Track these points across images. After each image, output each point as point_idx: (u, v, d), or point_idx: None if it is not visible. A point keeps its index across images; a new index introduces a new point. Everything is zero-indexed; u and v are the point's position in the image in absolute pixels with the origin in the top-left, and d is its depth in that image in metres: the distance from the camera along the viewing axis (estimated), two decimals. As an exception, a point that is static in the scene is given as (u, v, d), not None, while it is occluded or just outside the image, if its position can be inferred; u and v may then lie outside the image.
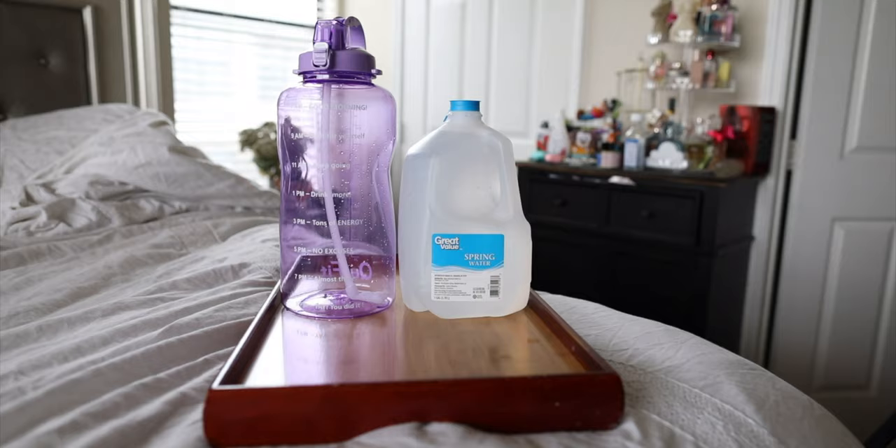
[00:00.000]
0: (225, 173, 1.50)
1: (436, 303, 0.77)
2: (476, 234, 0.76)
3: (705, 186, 1.84)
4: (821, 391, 2.21)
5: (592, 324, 0.85)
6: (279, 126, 0.78)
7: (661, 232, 1.95)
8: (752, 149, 1.97)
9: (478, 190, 0.78)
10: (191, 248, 1.23)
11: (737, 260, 2.09)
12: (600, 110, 2.35)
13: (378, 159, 0.81)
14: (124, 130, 1.50)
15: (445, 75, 3.11)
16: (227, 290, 0.94)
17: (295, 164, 0.79)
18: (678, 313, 1.94)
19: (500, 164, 0.79)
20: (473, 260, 0.76)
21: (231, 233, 1.32)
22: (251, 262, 1.06)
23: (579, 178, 2.13)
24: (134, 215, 1.32)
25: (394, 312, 0.82)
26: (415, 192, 0.78)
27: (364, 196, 0.81)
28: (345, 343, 0.71)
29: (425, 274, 0.76)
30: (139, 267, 1.09)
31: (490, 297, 0.77)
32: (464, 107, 0.81)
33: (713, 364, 0.71)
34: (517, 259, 0.78)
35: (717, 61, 2.02)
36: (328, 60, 0.74)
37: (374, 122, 0.80)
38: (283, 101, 0.78)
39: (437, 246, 0.75)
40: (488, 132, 0.80)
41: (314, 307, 0.79)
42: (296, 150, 0.78)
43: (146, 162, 1.40)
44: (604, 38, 2.49)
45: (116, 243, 1.22)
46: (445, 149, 0.78)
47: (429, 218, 0.76)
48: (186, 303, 0.87)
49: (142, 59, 2.23)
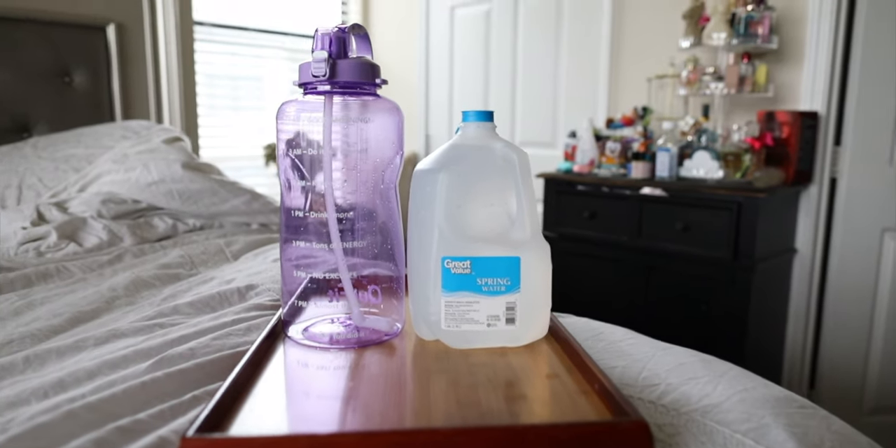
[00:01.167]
0: (240, 189, 1.46)
1: (446, 332, 0.70)
2: (490, 257, 0.69)
3: (743, 197, 1.74)
4: (871, 414, 2.07)
5: (620, 353, 0.78)
6: (277, 140, 0.73)
7: (695, 245, 1.85)
8: (793, 156, 1.87)
9: (491, 207, 0.72)
10: (201, 268, 1.18)
11: (778, 274, 1.98)
12: (630, 118, 2.26)
13: (384, 175, 0.75)
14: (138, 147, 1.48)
15: (471, 85, 3.06)
16: (231, 314, 0.89)
17: (295, 181, 0.74)
18: (715, 332, 1.84)
19: (516, 178, 0.72)
20: (487, 285, 0.69)
21: (244, 251, 1.28)
22: (259, 284, 1.01)
23: (609, 189, 2.04)
24: (146, 234, 1.29)
25: (403, 341, 0.75)
26: (423, 210, 0.72)
27: (370, 215, 0.75)
28: (346, 377, 0.65)
29: (435, 300, 0.70)
30: (145, 289, 1.05)
31: (506, 325, 0.70)
32: (476, 117, 0.75)
33: (757, 402, 0.63)
34: (535, 283, 0.71)
35: (754, 64, 1.92)
36: (328, 70, 0.69)
37: (380, 136, 0.75)
38: (282, 114, 0.73)
39: (447, 270, 0.69)
40: (502, 144, 0.74)
41: (317, 335, 0.74)
42: (295, 165, 0.73)
43: (159, 179, 1.37)
44: (632, 43, 2.41)
45: (127, 263, 1.18)
46: (456, 163, 0.72)
47: (437, 238, 0.70)
48: (185, 329, 0.82)
49: (164, 75, 2.23)
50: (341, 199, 0.73)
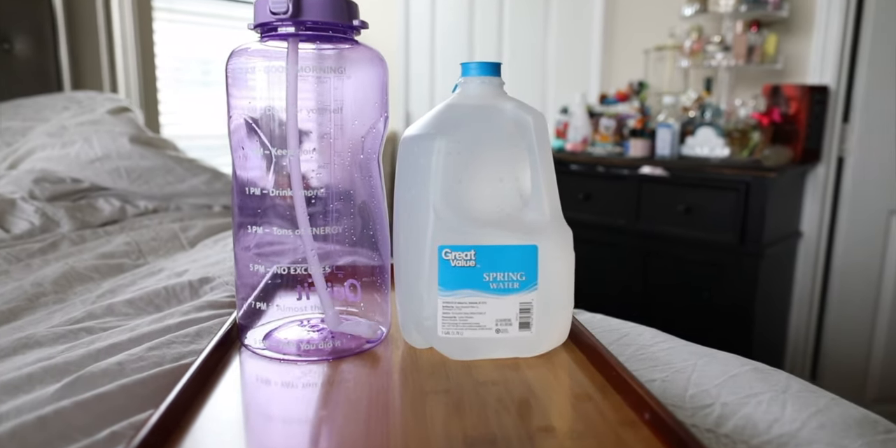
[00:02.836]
0: (199, 167, 1.29)
1: (444, 340, 0.56)
2: (499, 246, 0.54)
3: (751, 177, 1.61)
4: (875, 404, 1.98)
5: (655, 361, 0.64)
6: (228, 98, 0.57)
7: (699, 229, 1.73)
8: (801, 133, 1.74)
9: (500, 183, 0.57)
10: (150, 258, 1.02)
11: (783, 259, 1.87)
12: (625, 93, 2.12)
13: (364, 143, 0.60)
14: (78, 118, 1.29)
15: (453, 58, 2.89)
16: (178, 315, 0.74)
17: (249, 151, 0.58)
18: (718, 321, 1.72)
19: (531, 146, 0.58)
20: (496, 281, 0.55)
21: (202, 237, 1.11)
22: (216, 276, 0.86)
23: (605, 168, 1.91)
24: (88, 218, 1.11)
25: (388, 349, 0.61)
26: (414, 186, 0.57)
27: (346, 193, 0.60)
28: (318, 398, 0.51)
29: (429, 301, 0.55)
30: (79, 283, 0.89)
31: (519, 331, 0.56)
32: (480, 70, 0.60)
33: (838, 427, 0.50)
34: (556, 278, 0.57)
35: (763, 34, 1.79)
36: (290, 6, 0.53)
37: (359, 92, 0.59)
38: (233, 64, 0.56)
39: (446, 262, 0.54)
40: (514, 104, 0.59)
41: (282, 343, 0.59)
42: (250, 130, 0.57)
43: (104, 155, 1.20)
44: (628, 12, 2.26)
45: (62, 252, 1.01)
46: (455, 127, 0.57)
47: (433, 223, 0.55)
48: (117, 336, 0.66)
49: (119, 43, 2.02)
50: (310, 172, 0.58)
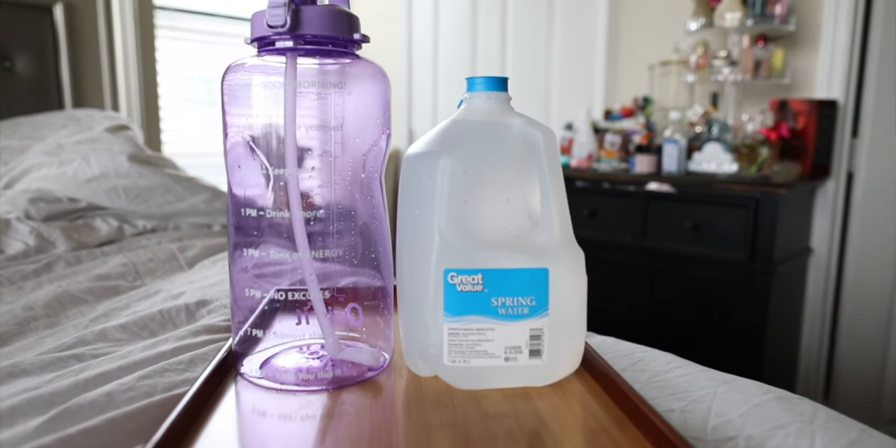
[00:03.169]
0: (199, 186, 1.27)
1: (450, 368, 0.53)
2: (508, 269, 0.52)
3: (761, 193, 1.58)
4: (889, 425, 1.93)
5: (672, 389, 0.60)
6: (224, 115, 0.55)
7: (707, 246, 1.69)
8: (810, 148, 1.72)
9: (508, 203, 0.54)
10: (147, 279, 0.99)
11: (794, 276, 1.83)
12: (630, 109, 2.10)
13: (366, 161, 0.58)
14: (76, 136, 1.27)
15: (457, 74, 2.89)
16: (172, 341, 0.71)
17: (246, 170, 0.55)
18: (729, 340, 1.68)
19: (542, 165, 0.55)
20: (505, 306, 0.52)
21: (201, 257, 1.08)
22: (213, 299, 0.83)
23: (610, 185, 1.88)
24: (85, 238, 1.09)
25: (391, 378, 0.58)
26: (418, 207, 0.54)
27: (347, 213, 0.57)
28: (318, 432, 0.48)
29: (434, 327, 0.52)
30: (72, 306, 0.86)
31: (530, 358, 0.53)
32: (486, 85, 0.57)
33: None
34: (568, 303, 0.54)
35: (770, 48, 1.77)
36: (288, 19, 0.51)
37: (360, 109, 0.57)
38: (229, 79, 0.54)
39: (452, 286, 0.52)
40: (522, 120, 0.57)
41: (279, 372, 0.56)
42: (247, 148, 0.55)
43: (101, 173, 1.18)
44: (632, 27, 2.25)
45: (57, 273, 0.99)
46: (461, 145, 0.54)
47: (438, 245, 0.52)
48: (108, 363, 0.63)
49: (121, 61, 2.01)
50: (309, 192, 0.56)
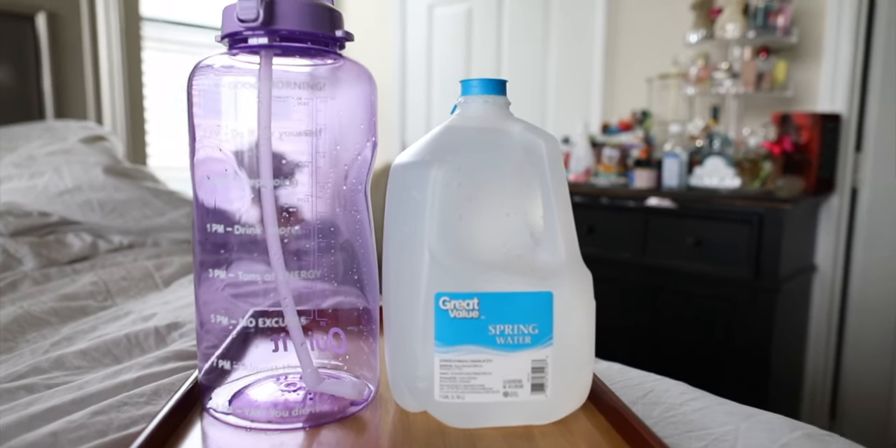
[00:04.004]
0: (179, 199, 1.20)
1: (443, 404, 0.47)
2: (507, 293, 0.46)
3: (765, 208, 1.53)
4: (899, 448, 1.87)
5: (689, 426, 0.54)
6: (190, 118, 0.49)
7: (709, 262, 1.64)
8: (814, 163, 1.67)
9: (507, 218, 0.49)
10: (118, 299, 0.93)
11: (798, 294, 1.77)
12: (628, 123, 2.06)
13: (349, 173, 0.52)
14: (48, 147, 1.21)
15: (451, 87, 2.85)
16: (136, 369, 0.64)
17: (215, 181, 0.50)
18: (732, 360, 1.62)
19: (544, 176, 0.49)
20: (504, 335, 0.46)
21: (178, 276, 1.02)
22: (187, 321, 0.77)
23: (609, 200, 1.83)
24: (56, 255, 1.02)
25: (376, 414, 0.52)
26: (406, 223, 0.48)
27: (328, 230, 0.52)
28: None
29: (424, 358, 0.46)
30: (33, 329, 0.80)
31: (532, 394, 0.47)
32: (483, 88, 0.52)
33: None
34: (575, 330, 0.48)
35: (772, 60, 1.73)
36: (261, 12, 0.46)
37: (343, 113, 0.51)
38: (196, 80, 0.48)
39: (444, 312, 0.46)
40: (522, 127, 0.51)
41: (251, 406, 0.50)
42: (215, 158, 0.49)
43: (74, 186, 1.11)
44: (629, 41, 2.21)
45: (21, 293, 0.92)
46: (455, 153, 0.49)
47: (428, 265, 0.46)
48: (61, 396, 0.57)
49: (106, 72, 1.96)
50: (285, 206, 0.50)
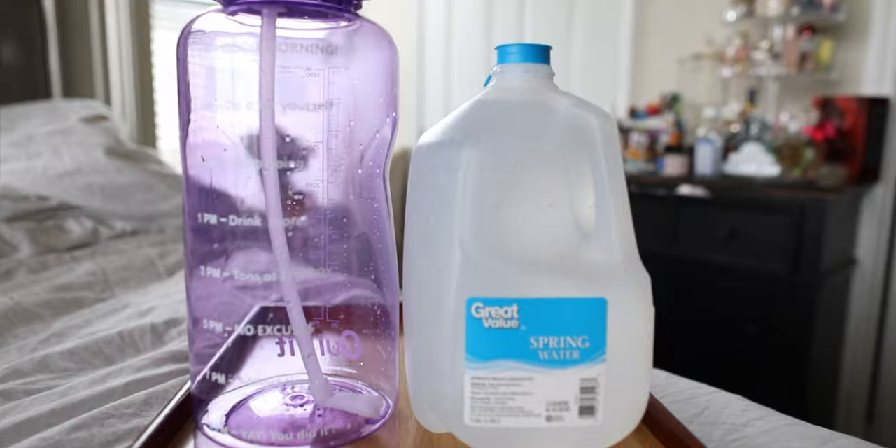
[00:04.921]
0: (186, 183, 1.14)
1: (474, 429, 0.39)
2: (552, 299, 0.38)
3: (806, 198, 1.44)
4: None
5: (759, 453, 0.47)
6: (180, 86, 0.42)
7: (745, 255, 1.55)
8: (859, 150, 1.57)
9: (551, 210, 0.41)
10: (117, 290, 0.87)
11: (838, 290, 1.68)
12: (657, 107, 1.97)
13: (365, 153, 0.45)
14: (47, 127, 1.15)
15: (470, 71, 2.76)
16: (129, 372, 0.58)
17: (207, 163, 0.42)
18: (768, 359, 1.54)
19: (597, 159, 0.42)
20: (548, 349, 0.39)
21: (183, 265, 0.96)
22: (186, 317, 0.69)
23: (638, 188, 1.74)
24: (54, 241, 0.97)
25: (395, 434, 0.45)
26: (433, 213, 0.41)
27: (340, 219, 0.44)
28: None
29: (453, 375, 0.39)
30: (24, 323, 0.74)
31: (580, 417, 0.39)
32: (522, 56, 0.44)
33: None
34: (631, 344, 0.40)
35: (817, 40, 1.62)
36: (263, -39, 0.38)
37: (359, 84, 0.44)
38: (187, 44, 0.41)
39: (478, 321, 0.38)
40: (571, 101, 0.43)
41: (251, 423, 0.43)
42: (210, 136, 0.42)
43: (74, 168, 1.06)
44: (661, 18, 2.11)
45: (15, 283, 0.86)
46: (490, 132, 0.41)
47: (459, 265, 0.39)
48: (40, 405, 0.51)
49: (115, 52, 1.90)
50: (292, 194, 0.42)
